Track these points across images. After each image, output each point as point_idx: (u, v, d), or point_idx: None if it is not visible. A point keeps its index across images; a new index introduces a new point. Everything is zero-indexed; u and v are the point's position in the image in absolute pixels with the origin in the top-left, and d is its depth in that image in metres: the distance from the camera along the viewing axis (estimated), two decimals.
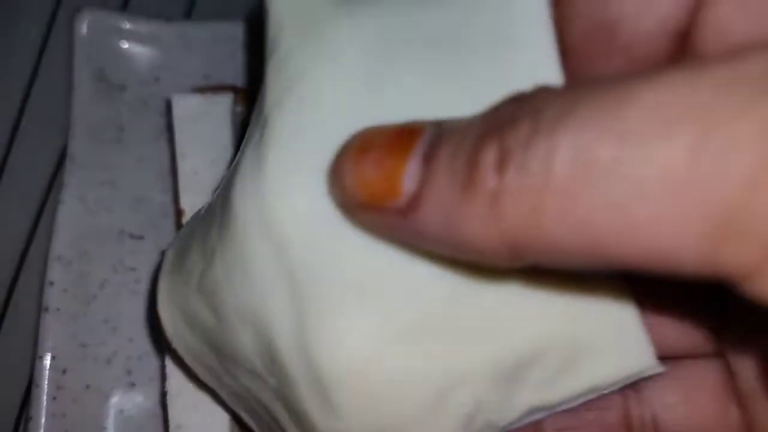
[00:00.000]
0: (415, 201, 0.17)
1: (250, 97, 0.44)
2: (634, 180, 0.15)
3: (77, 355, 0.39)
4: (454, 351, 0.21)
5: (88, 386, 0.39)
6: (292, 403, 0.23)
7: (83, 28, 0.44)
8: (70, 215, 0.41)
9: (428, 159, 0.18)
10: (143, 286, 0.41)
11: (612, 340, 0.22)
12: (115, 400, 0.39)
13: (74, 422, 0.38)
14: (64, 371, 0.38)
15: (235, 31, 0.47)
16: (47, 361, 0.38)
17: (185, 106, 0.40)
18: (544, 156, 0.15)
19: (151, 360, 0.40)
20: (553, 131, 0.15)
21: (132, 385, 0.40)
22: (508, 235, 0.16)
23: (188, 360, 0.29)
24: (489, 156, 0.16)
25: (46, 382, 0.37)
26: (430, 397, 0.21)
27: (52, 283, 0.39)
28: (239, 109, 0.42)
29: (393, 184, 0.18)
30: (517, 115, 0.16)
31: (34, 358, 0.38)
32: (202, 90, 0.43)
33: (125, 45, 0.45)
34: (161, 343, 0.34)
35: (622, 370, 0.22)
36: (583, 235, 0.15)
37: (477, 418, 0.22)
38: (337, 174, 0.20)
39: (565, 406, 0.23)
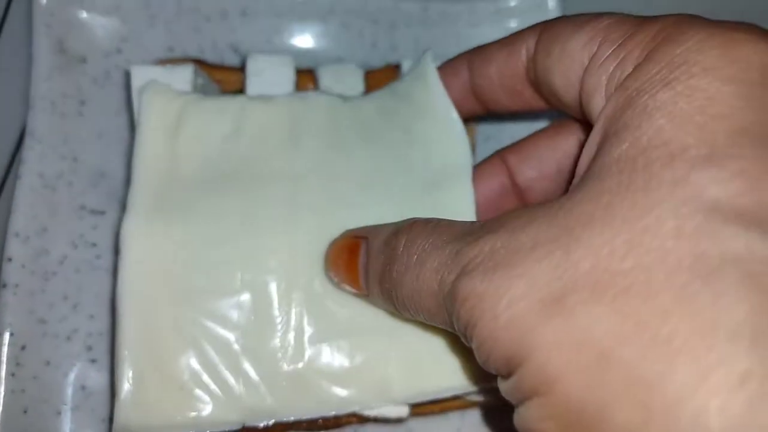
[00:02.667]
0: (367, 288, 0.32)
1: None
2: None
3: (36, 332, 0.38)
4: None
5: (47, 362, 0.38)
6: None
7: None
8: (29, 190, 0.40)
9: (364, 266, 0.32)
10: (104, 262, 0.41)
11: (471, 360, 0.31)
12: (75, 376, 0.38)
13: (34, 398, 0.37)
14: (23, 347, 0.37)
15: (199, 3, 0.45)
16: (6, 337, 0.37)
17: (145, 78, 0.39)
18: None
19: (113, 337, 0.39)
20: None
21: (93, 361, 0.39)
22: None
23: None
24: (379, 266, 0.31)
25: (5, 359, 0.37)
26: None
27: (10, 259, 0.38)
28: (201, 80, 0.41)
29: (355, 283, 0.33)
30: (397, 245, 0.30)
31: None
32: (163, 62, 0.42)
33: (85, 15, 0.43)
34: None
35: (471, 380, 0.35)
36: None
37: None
38: (324, 270, 0.35)
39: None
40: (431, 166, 0.38)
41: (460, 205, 0.37)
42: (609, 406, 0.20)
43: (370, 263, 0.31)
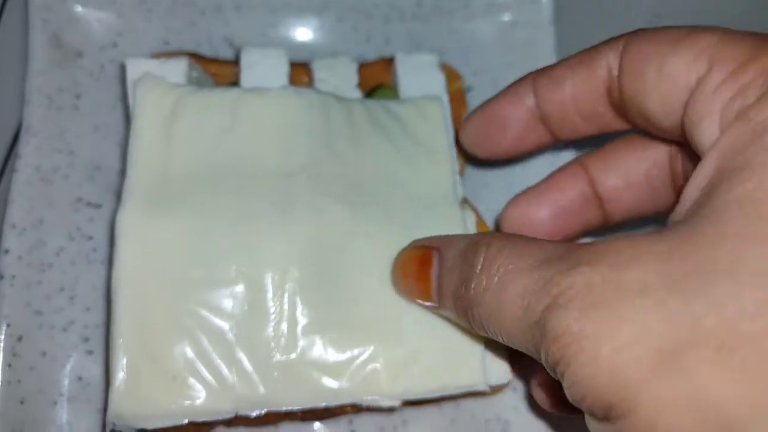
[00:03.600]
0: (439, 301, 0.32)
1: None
2: None
3: (33, 323, 0.39)
4: None
5: (44, 353, 0.38)
6: None
7: None
8: (25, 184, 0.40)
9: (437, 279, 0.31)
10: (100, 255, 0.41)
11: (460, 363, 0.35)
12: (71, 367, 0.39)
13: (30, 389, 0.37)
14: (19, 338, 0.38)
15: None
16: (2, 328, 0.38)
17: (140, 71, 0.39)
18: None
19: None
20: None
21: (90, 352, 0.39)
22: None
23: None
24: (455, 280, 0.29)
25: (2, 350, 0.37)
26: None
27: (6, 251, 0.39)
28: (195, 73, 0.41)
29: (426, 295, 0.33)
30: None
31: None
32: (158, 56, 0.42)
33: (80, 9, 0.44)
34: None
35: (461, 381, 0.35)
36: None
37: None
38: (393, 281, 0.35)
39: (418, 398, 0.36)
40: (417, 190, 0.38)
41: (448, 231, 0.36)
42: None
43: (443, 277, 0.30)
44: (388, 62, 0.44)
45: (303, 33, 0.48)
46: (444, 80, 0.43)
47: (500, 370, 0.39)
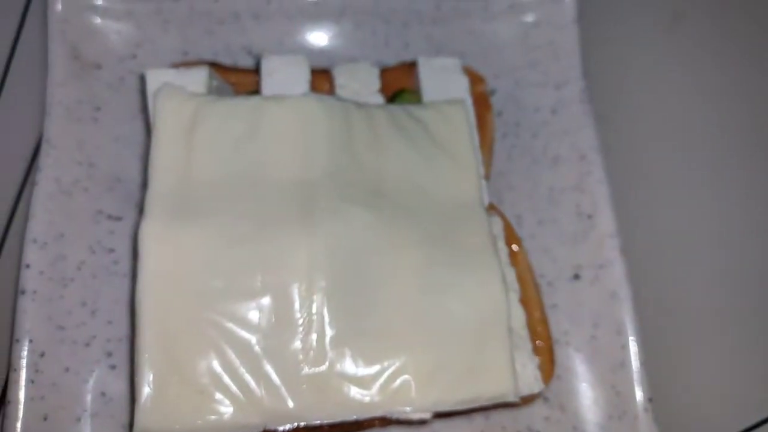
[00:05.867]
0: None
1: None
2: None
3: (55, 338, 0.38)
4: None
5: (67, 369, 0.38)
6: None
7: (57, 4, 0.43)
8: (46, 197, 0.40)
9: None
10: (122, 267, 0.41)
11: (491, 374, 0.34)
12: (94, 382, 0.38)
13: (53, 405, 0.37)
14: (42, 354, 0.37)
15: (212, 7, 0.45)
16: (25, 344, 0.37)
17: (160, 81, 0.39)
18: None
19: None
20: None
21: (112, 367, 0.39)
22: None
23: None
24: None
25: (24, 366, 0.37)
26: None
27: (28, 266, 0.38)
28: (215, 82, 0.40)
29: None
30: None
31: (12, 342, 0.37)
32: (178, 66, 0.42)
33: (99, 21, 0.44)
34: None
35: (492, 391, 0.34)
36: None
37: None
38: None
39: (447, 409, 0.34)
40: (442, 195, 0.38)
41: (476, 240, 0.36)
42: None
43: None
44: (410, 66, 0.43)
45: (321, 40, 0.47)
46: (467, 83, 0.42)
47: (532, 379, 0.37)
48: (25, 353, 0.37)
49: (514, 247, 0.41)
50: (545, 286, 0.42)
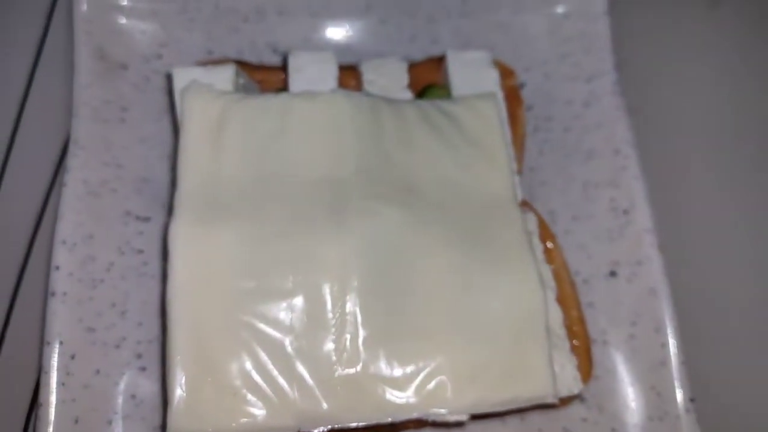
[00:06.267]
0: None
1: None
2: None
3: (85, 340, 0.38)
4: None
5: (97, 371, 0.38)
6: None
7: (83, 4, 0.43)
8: (74, 198, 0.40)
9: None
10: (151, 269, 0.40)
11: (529, 374, 0.33)
12: (125, 384, 0.38)
13: (84, 408, 0.37)
14: (72, 356, 0.37)
15: (236, 4, 0.45)
16: (55, 346, 0.37)
17: (186, 79, 0.38)
18: None
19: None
20: None
21: (143, 369, 0.38)
22: None
23: None
24: None
25: (55, 368, 0.36)
26: None
27: (57, 268, 0.38)
28: (242, 80, 0.40)
29: None
30: None
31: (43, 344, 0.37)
32: (204, 63, 0.42)
33: (124, 21, 0.43)
34: None
35: (530, 392, 0.33)
36: None
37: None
38: None
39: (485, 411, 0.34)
40: (474, 192, 0.37)
41: (511, 237, 0.35)
42: None
43: None
44: (438, 61, 0.43)
45: (346, 36, 0.46)
46: (498, 77, 0.41)
47: (570, 379, 0.36)
48: (55, 355, 0.37)
49: (549, 243, 0.40)
50: (581, 284, 0.41)
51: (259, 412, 0.31)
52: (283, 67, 0.41)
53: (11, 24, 0.46)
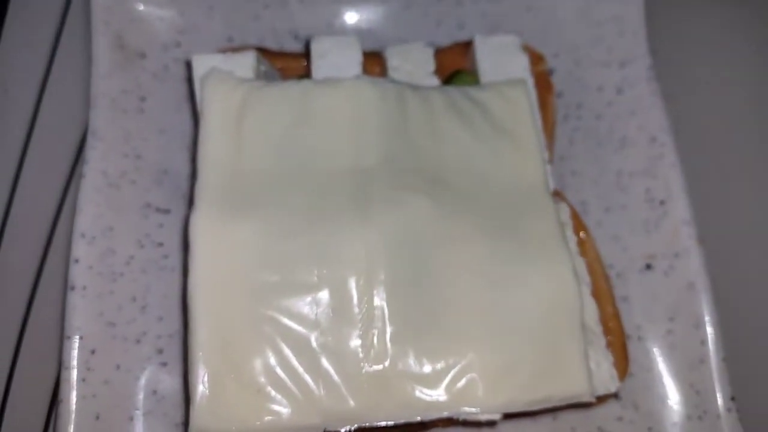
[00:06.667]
0: None
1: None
2: None
3: (106, 335, 0.37)
4: None
5: (118, 366, 0.37)
6: None
7: None
8: (93, 190, 0.39)
9: None
10: (171, 262, 0.39)
11: (564, 372, 0.32)
12: (146, 379, 0.37)
13: (105, 403, 0.36)
14: (93, 351, 0.36)
15: None
16: (75, 341, 0.36)
17: (206, 66, 0.37)
18: None
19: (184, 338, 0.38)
20: None
21: (164, 364, 0.38)
22: None
23: None
24: None
25: (75, 363, 0.36)
26: None
27: (77, 261, 0.37)
28: (263, 67, 0.39)
29: None
30: None
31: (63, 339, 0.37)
32: (224, 50, 0.41)
33: (142, 8, 0.42)
34: None
35: (566, 391, 0.32)
36: None
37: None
38: None
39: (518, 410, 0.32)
40: (504, 181, 0.35)
41: (543, 228, 0.34)
42: None
43: None
44: (465, 46, 0.41)
45: (369, 22, 0.45)
46: (527, 62, 0.39)
47: (607, 377, 0.35)
48: (75, 350, 0.36)
49: (582, 235, 0.38)
50: (614, 278, 0.40)
51: (283, 410, 0.30)
52: (305, 54, 0.40)
53: (28, 14, 0.45)
